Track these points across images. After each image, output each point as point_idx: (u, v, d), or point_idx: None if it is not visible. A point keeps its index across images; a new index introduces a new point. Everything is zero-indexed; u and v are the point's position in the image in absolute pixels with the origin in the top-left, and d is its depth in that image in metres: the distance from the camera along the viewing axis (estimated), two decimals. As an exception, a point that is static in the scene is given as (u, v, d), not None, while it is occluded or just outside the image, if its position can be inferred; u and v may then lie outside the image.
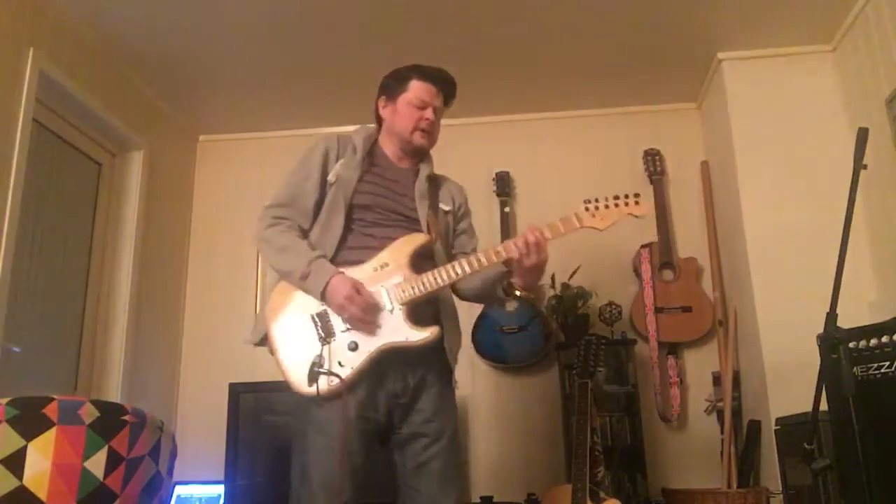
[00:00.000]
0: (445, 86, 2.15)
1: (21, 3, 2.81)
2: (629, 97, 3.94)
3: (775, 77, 3.46)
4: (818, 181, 3.25)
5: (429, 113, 2.09)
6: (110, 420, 1.95)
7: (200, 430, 3.67)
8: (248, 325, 3.92)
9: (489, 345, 3.60)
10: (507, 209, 3.86)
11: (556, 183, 3.96)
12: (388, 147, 2.15)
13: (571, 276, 3.62)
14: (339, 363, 1.84)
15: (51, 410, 1.86)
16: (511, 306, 3.66)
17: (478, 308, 3.68)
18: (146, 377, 3.58)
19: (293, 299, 1.92)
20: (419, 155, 2.16)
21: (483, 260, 1.92)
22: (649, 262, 3.65)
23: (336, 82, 3.69)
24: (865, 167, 1.98)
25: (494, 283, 2.05)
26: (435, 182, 2.18)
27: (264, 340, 1.95)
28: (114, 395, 3.32)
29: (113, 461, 1.92)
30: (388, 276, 1.92)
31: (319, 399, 1.81)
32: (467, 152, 4.06)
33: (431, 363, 1.98)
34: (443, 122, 4.55)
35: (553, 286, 3.65)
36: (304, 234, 2.01)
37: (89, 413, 1.91)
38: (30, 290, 2.99)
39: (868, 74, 3.09)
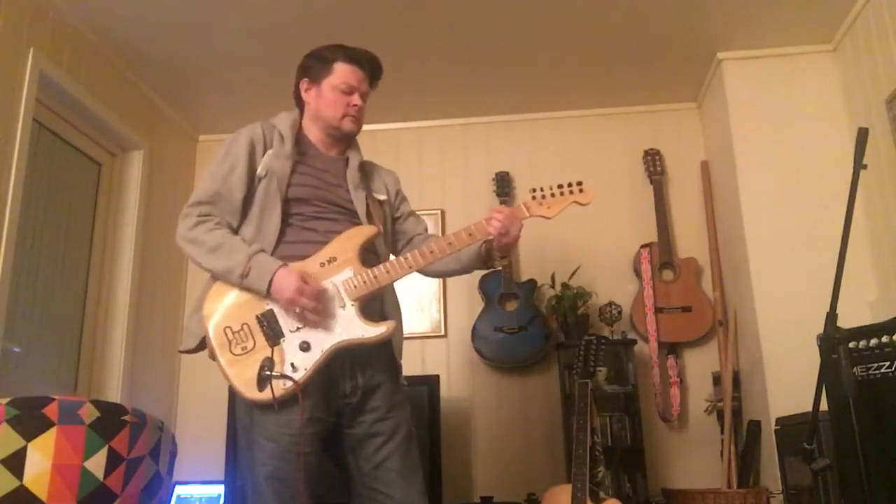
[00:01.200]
0: (372, 67, 2.04)
1: (21, 4, 2.81)
2: (629, 97, 3.95)
3: (775, 77, 3.46)
4: (818, 181, 3.25)
5: (356, 98, 1.99)
6: (110, 420, 1.95)
7: (200, 430, 3.67)
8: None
9: (489, 345, 3.60)
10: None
11: (555, 183, 3.95)
12: (314, 133, 2.04)
13: (571, 276, 3.62)
14: (292, 365, 1.73)
15: (51, 410, 1.86)
16: (511, 306, 3.66)
17: (477, 308, 3.69)
18: (146, 377, 3.58)
19: (233, 300, 1.80)
20: (346, 141, 2.06)
21: (435, 250, 1.87)
22: (649, 262, 3.65)
23: (336, 82, 3.69)
24: (865, 167, 1.98)
25: (472, 262, 2.01)
26: (366, 171, 2.08)
27: (202, 345, 1.83)
28: (114, 395, 3.32)
29: (113, 461, 1.92)
30: (336, 271, 1.82)
31: (277, 406, 1.70)
32: (467, 152, 4.06)
33: (380, 360, 1.90)
34: (443, 122, 4.56)
35: (553, 286, 3.65)
36: (234, 231, 1.87)
37: (89, 413, 1.91)
38: (30, 290, 2.99)
39: (868, 74, 3.09)
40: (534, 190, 1.97)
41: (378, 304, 1.93)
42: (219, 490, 3.38)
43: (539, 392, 3.68)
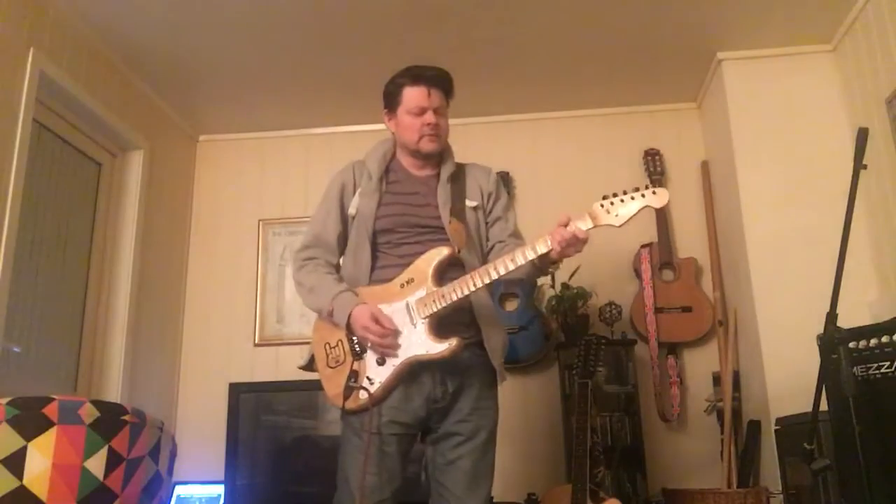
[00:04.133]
0: (440, 82, 2.13)
1: (21, 4, 2.81)
2: (629, 97, 3.95)
3: (775, 77, 3.46)
4: (818, 181, 3.25)
5: (429, 117, 2.09)
6: (110, 420, 1.95)
7: (200, 430, 3.67)
8: (249, 325, 3.90)
9: (489, 345, 3.60)
10: (507, 209, 3.86)
11: (556, 183, 3.96)
12: (405, 158, 2.19)
13: (571, 276, 3.62)
14: (368, 378, 1.95)
15: (51, 410, 1.86)
16: (511, 306, 3.66)
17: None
18: (146, 377, 3.58)
19: (331, 323, 2.05)
20: (437, 157, 2.17)
21: (500, 269, 1.94)
22: (649, 262, 3.65)
23: (336, 83, 3.69)
24: (865, 167, 1.99)
25: (530, 273, 2.06)
26: (459, 178, 2.18)
27: (312, 362, 2.08)
28: (114, 395, 3.32)
29: (113, 461, 1.92)
30: (412, 291, 1.98)
31: (351, 412, 1.96)
32: (467, 152, 4.05)
33: (472, 367, 2.04)
34: (443, 122, 4.44)
35: (553, 286, 3.65)
36: (335, 267, 2.13)
37: (89, 413, 1.91)
38: (30, 290, 2.98)
39: (868, 74, 3.09)
40: (605, 197, 1.95)
41: (468, 315, 2.05)
42: (219, 490, 3.38)
43: (539, 392, 3.68)
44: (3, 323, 2.63)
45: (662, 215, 3.75)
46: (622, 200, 1.93)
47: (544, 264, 2.02)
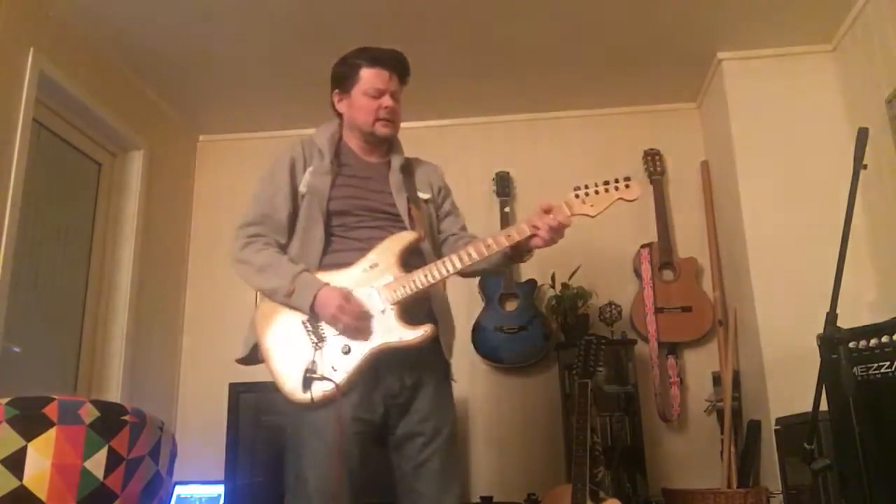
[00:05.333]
0: (399, 67, 2.06)
1: (21, 4, 2.81)
2: (629, 97, 3.94)
3: (775, 77, 3.46)
4: (818, 181, 3.25)
5: (386, 100, 2.02)
6: (110, 420, 1.95)
7: (200, 430, 3.67)
8: (248, 326, 3.86)
9: (489, 345, 3.60)
10: (507, 209, 3.86)
11: (556, 183, 3.93)
12: (353, 142, 2.09)
13: (571, 276, 3.62)
14: (333, 368, 1.82)
15: (51, 410, 1.86)
16: (511, 306, 3.66)
17: (477, 308, 3.68)
18: (146, 377, 3.58)
19: (283, 308, 1.89)
20: (386, 144, 2.11)
21: (473, 254, 1.88)
22: (649, 262, 3.65)
23: (336, 82, 3.69)
24: (865, 167, 1.98)
25: (500, 261, 2.02)
26: (409, 170, 2.11)
27: (255, 352, 1.93)
28: (114, 395, 3.32)
29: (113, 461, 1.92)
30: (378, 277, 1.89)
31: (314, 405, 1.79)
32: (467, 152, 4.06)
33: (428, 361, 1.95)
34: (443, 122, 4.56)
35: (553, 286, 3.65)
36: (283, 248, 1.97)
37: (89, 413, 1.91)
38: (30, 290, 2.99)
39: (868, 74, 3.09)
40: (577, 188, 1.93)
41: (426, 305, 1.97)
42: (219, 490, 3.38)
43: (539, 392, 3.68)
44: (3, 323, 2.63)
45: (662, 215, 3.75)
46: (596, 192, 1.93)
47: (517, 253, 1.98)
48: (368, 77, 2.02)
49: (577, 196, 1.93)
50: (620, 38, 3.37)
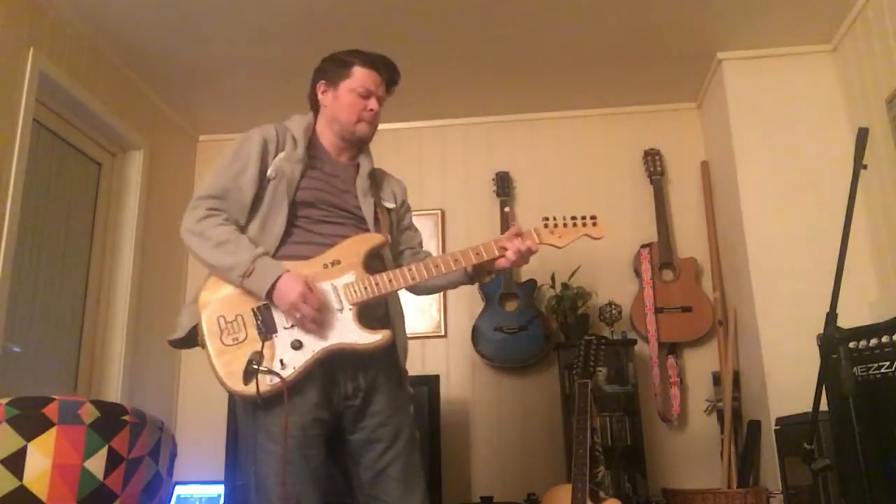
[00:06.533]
0: (389, 73, 2.04)
1: (21, 4, 2.81)
2: (629, 97, 3.95)
3: (775, 77, 3.46)
4: (818, 181, 3.25)
5: (373, 103, 2.00)
6: (110, 420, 1.95)
7: (200, 430, 3.67)
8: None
9: (489, 345, 3.60)
10: (507, 209, 3.86)
11: (556, 183, 3.96)
12: (327, 137, 2.04)
13: (571, 276, 3.62)
14: (282, 361, 1.72)
15: (51, 410, 1.86)
16: (511, 306, 3.66)
17: (477, 308, 3.69)
18: (146, 377, 3.58)
19: (231, 290, 1.79)
20: (358, 146, 2.07)
21: (441, 266, 1.87)
22: (649, 262, 3.65)
23: (336, 82, 3.69)
24: (865, 167, 1.98)
25: (458, 279, 2.00)
26: (375, 178, 2.07)
27: (192, 335, 1.80)
28: (114, 395, 3.32)
29: (113, 461, 1.92)
30: (338, 274, 1.82)
31: (260, 401, 1.69)
32: (467, 152, 4.06)
33: (382, 364, 1.89)
34: (443, 122, 4.56)
35: (553, 286, 3.65)
36: (241, 229, 1.86)
37: (89, 413, 1.91)
38: (30, 290, 2.99)
39: (868, 74, 3.09)
40: (546, 218, 1.96)
41: (382, 309, 1.93)
42: (219, 490, 3.39)
43: (539, 392, 3.68)
44: (3, 323, 2.63)
45: (662, 215, 3.75)
46: (565, 225, 1.96)
47: (477, 273, 1.97)
48: (361, 76, 2.00)
49: (545, 226, 1.95)
50: (620, 38, 3.37)
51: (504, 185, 3.89)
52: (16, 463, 1.79)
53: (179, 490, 3.46)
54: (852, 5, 3.11)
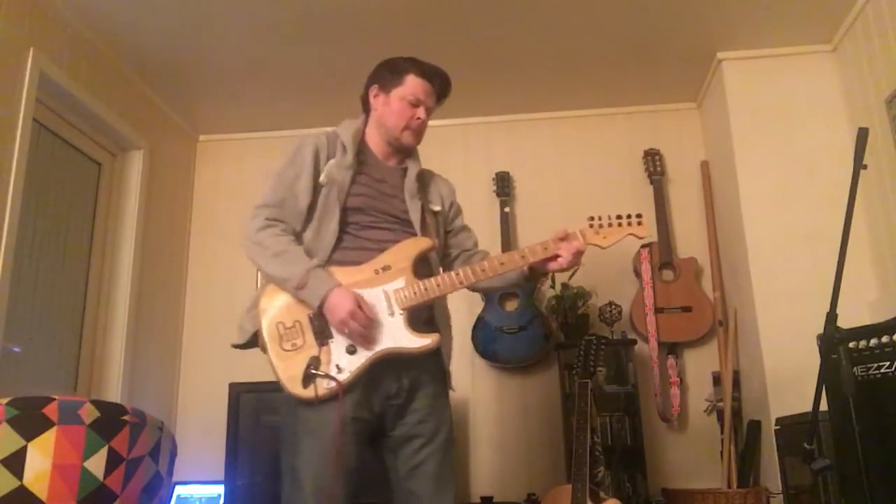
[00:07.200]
0: (441, 85, 2.11)
1: (21, 4, 2.81)
2: (629, 97, 3.95)
3: (775, 77, 3.46)
4: (818, 181, 3.25)
5: (421, 112, 2.05)
6: (110, 420, 1.95)
7: (200, 430, 3.67)
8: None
9: (489, 345, 3.60)
10: (506, 209, 3.86)
11: (556, 183, 3.96)
12: (375, 141, 2.09)
13: (571, 276, 3.61)
14: (337, 366, 1.80)
15: (51, 410, 1.86)
16: (511, 306, 3.66)
17: (477, 307, 3.68)
18: (146, 377, 3.58)
19: (289, 297, 1.87)
20: (405, 152, 2.11)
21: (488, 270, 1.91)
22: (649, 262, 3.65)
23: (335, 82, 3.68)
24: (865, 167, 1.98)
25: (516, 280, 2.06)
26: (423, 181, 2.12)
27: (254, 340, 1.90)
28: (114, 395, 3.32)
29: (113, 461, 1.92)
30: (389, 279, 1.88)
31: (315, 402, 1.77)
32: (467, 152, 4.06)
33: (426, 365, 1.95)
34: (443, 122, 4.56)
35: (553, 286, 3.65)
36: (297, 236, 1.95)
37: (89, 413, 1.91)
38: (30, 290, 2.99)
39: (868, 74, 3.09)
40: (591, 218, 1.99)
41: (429, 312, 1.98)
42: (219, 490, 3.38)
43: (539, 392, 3.68)
44: (3, 323, 2.63)
45: (662, 215, 3.75)
46: (609, 225, 1.99)
47: (534, 274, 2.02)
48: (413, 85, 2.04)
49: (591, 226, 1.98)
50: (620, 38, 3.37)
51: (504, 185, 3.89)
52: (16, 463, 1.79)
53: (179, 490, 3.45)
54: (852, 5, 3.11)
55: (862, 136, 1.99)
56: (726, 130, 3.49)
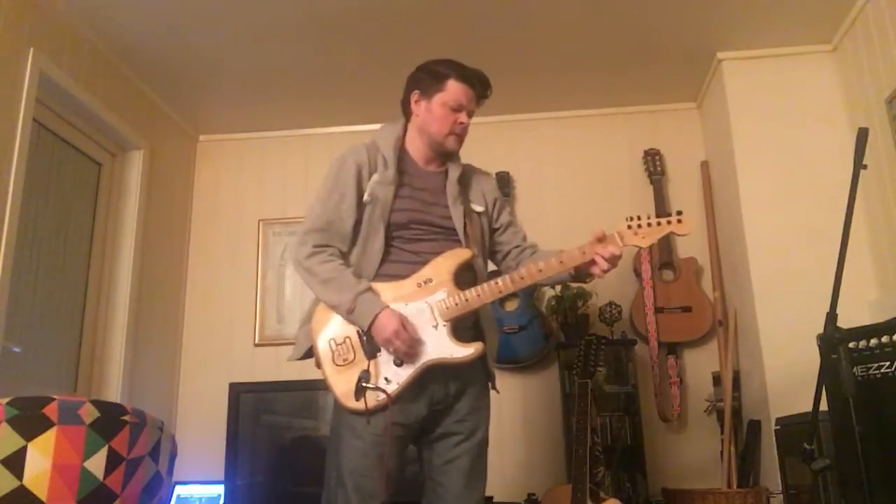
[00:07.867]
0: (482, 88, 2.12)
1: (21, 4, 2.81)
2: (629, 97, 3.94)
3: (775, 77, 3.46)
4: (818, 181, 3.25)
5: (463, 117, 2.07)
6: (110, 420, 1.95)
7: (200, 430, 3.67)
8: (249, 324, 3.88)
9: (489, 345, 3.60)
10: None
11: (556, 183, 3.96)
12: (416, 146, 2.12)
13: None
14: (386, 378, 1.89)
15: (51, 410, 1.86)
16: (511, 306, 3.66)
17: (478, 308, 3.68)
18: (146, 377, 3.58)
19: (339, 316, 1.96)
20: (448, 157, 2.14)
21: (526, 278, 1.96)
22: (649, 262, 3.65)
23: (335, 83, 3.69)
24: (865, 167, 1.98)
25: (561, 280, 2.11)
26: (464, 182, 2.14)
27: (308, 355, 2.00)
28: (114, 395, 3.32)
29: (113, 461, 1.92)
30: (431, 292, 1.95)
31: (366, 414, 1.86)
32: (467, 152, 4.05)
33: (472, 370, 2.03)
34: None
35: (553, 286, 3.65)
36: (345, 256, 2.01)
37: (89, 413, 1.91)
38: (30, 290, 2.99)
39: (868, 74, 3.09)
40: (630, 219, 2.00)
41: (473, 316, 2.04)
42: (219, 490, 3.38)
43: (539, 392, 3.68)
44: (3, 323, 2.63)
45: (662, 215, 3.73)
46: (648, 225, 2.00)
47: (580, 274, 2.05)
48: (455, 90, 2.06)
49: (629, 227, 1.99)
50: (620, 38, 3.37)
51: (504, 185, 3.89)
52: (16, 463, 1.78)
53: (179, 490, 3.46)
54: (852, 5, 3.11)
55: (862, 136, 1.99)
56: (726, 130, 3.49)
